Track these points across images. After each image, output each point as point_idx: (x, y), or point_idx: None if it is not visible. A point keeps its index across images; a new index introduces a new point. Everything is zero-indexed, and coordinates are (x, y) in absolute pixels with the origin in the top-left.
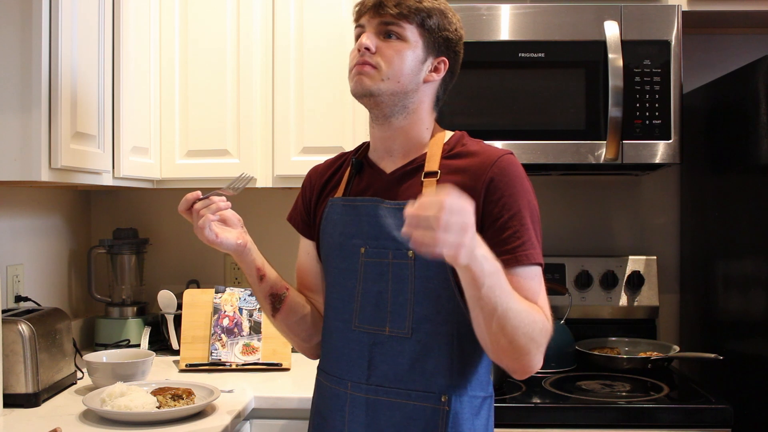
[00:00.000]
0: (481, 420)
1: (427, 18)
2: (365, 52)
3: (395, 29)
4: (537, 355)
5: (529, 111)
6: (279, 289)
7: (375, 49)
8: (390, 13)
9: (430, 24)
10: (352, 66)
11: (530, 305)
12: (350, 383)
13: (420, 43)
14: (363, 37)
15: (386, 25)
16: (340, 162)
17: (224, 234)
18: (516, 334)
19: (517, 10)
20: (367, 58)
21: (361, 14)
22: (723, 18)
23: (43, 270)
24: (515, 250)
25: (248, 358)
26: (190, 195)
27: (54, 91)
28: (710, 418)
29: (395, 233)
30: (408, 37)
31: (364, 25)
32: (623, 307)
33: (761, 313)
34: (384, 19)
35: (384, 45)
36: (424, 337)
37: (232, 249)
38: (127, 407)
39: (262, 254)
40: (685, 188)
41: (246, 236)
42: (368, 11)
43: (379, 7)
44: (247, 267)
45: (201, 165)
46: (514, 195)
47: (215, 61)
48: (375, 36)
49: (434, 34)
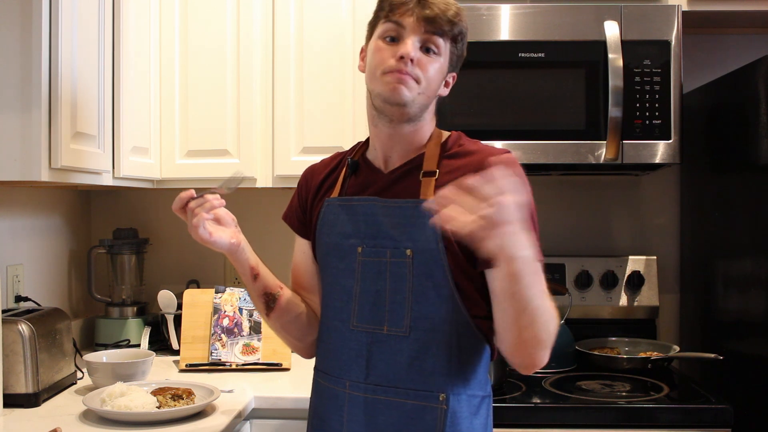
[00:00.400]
0: (479, 419)
1: (461, 37)
2: (408, 62)
3: (437, 43)
4: (547, 348)
5: (529, 111)
6: (273, 288)
7: (416, 61)
8: (442, 27)
9: (460, 42)
10: (387, 70)
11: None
12: (348, 383)
13: (448, 59)
14: (408, 45)
15: (431, 34)
16: (336, 162)
17: (218, 233)
18: (541, 329)
19: (517, 10)
20: (409, 70)
21: (401, 13)
22: (723, 18)
23: (43, 270)
24: None
25: (248, 358)
26: (184, 194)
27: (54, 91)
28: (710, 418)
29: (393, 232)
30: (443, 53)
31: (406, 28)
32: (623, 307)
33: (761, 313)
34: (435, 30)
35: (424, 58)
36: (423, 336)
37: (225, 248)
38: (127, 407)
39: (263, 254)
40: (685, 188)
41: (240, 235)
42: (413, 13)
43: (433, 19)
44: (240, 266)
45: (201, 165)
46: None
47: (215, 61)
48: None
49: (458, 53)
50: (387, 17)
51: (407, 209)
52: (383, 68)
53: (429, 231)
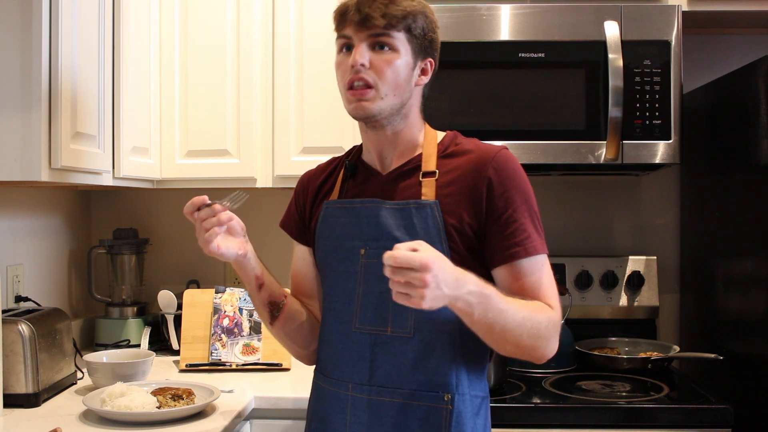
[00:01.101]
0: (480, 420)
1: (413, 23)
2: (360, 68)
3: (386, 40)
4: (547, 346)
5: (529, 111)
6: (277, 297)
7: (369, 64)
8: (378, 25)
9: (416, 28)
10: (346, 83)
11: (534, 308)
12: (351, 385)
13: (409, 49)
14: (355, 53)
15: (376, 36)
16: (333, 166)
17: (226, 244)
18: (520, 339)
19: (517, 10)
20: (363, 75)
21: (343, 24)
22: (723, 18)
23: (43, 270)
24: (517, 245)
25: (248, 358)
26: (197, 199)
27: (54, 91)
28: (710, 418)
29: (396, 233)
30: (398, 46)
31: (351, 37)
32: (623, 307)
33: (761, 313)
34: (373, 32)
35: (376, 58)
36: (427, 337)
37: (232, 259)
38: (127, 407)
39: (263, 253)
40: (685, 188)
41: (247, 245)
42: (352, 24)
43: (365, 20)
44: (245, 275)
45: (201, 165)
46: (513, 190)
47: (215, 61)
48: (366, 49)
49: (420, 37)
50: (337, 32)
51: (410, 210)
52: (344, 83)
53: (433, 231)
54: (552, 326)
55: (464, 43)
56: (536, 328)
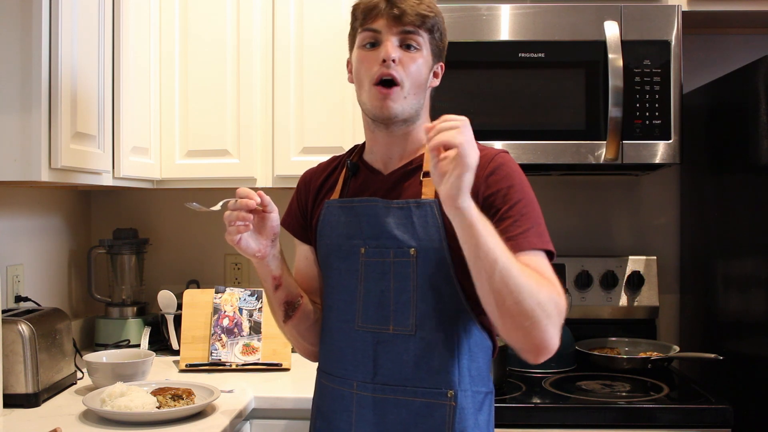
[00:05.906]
0: (483, 415)
1: (435, 25)
2: (391, 64)
3: (415, 38)
4: (549, 328)
5: (529, 111)
6: (294, 297)
7: (398, 61)
8: (412, 22)
9: (437, 31)
10: (374, 78)
11: (537, 273)
12: (356, 383)
13: (429, 51)
14: (388, 47)
15: (407, 33)
16: (334, 165)
17: (247, 241)
18: (521, 293)
19: (517, 10)
20: (392, 71)
21: (372, 18)
22: (723, 18)
23: (43, 270)
24: (516, 237)
25: (248, 358)
26: (251, 202)
27: (54, 91)
28: (710, 418)
29: (396, 232)
30: (423, 45)
31: (380, 32)
32: (623, 307)
33: (761, 313)
34: (405, 28)
35: (406, 56)
36: (429, 334)
37: (250, 256)
38: (127, 407)
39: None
40: (685, 188)
41: (268, 249)
42: (384, 16)
43: (401, 16)
44: (263, 274)
45: (201, 165)
46: (512, 188)
47: (215, 61)
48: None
49: (438, 40)
50: (362, 26)
51: (410, 209)
52: (370, 78)
53: (433, 230)
54: (554, 303)
55: (464, 43)
56: (537, 290)
